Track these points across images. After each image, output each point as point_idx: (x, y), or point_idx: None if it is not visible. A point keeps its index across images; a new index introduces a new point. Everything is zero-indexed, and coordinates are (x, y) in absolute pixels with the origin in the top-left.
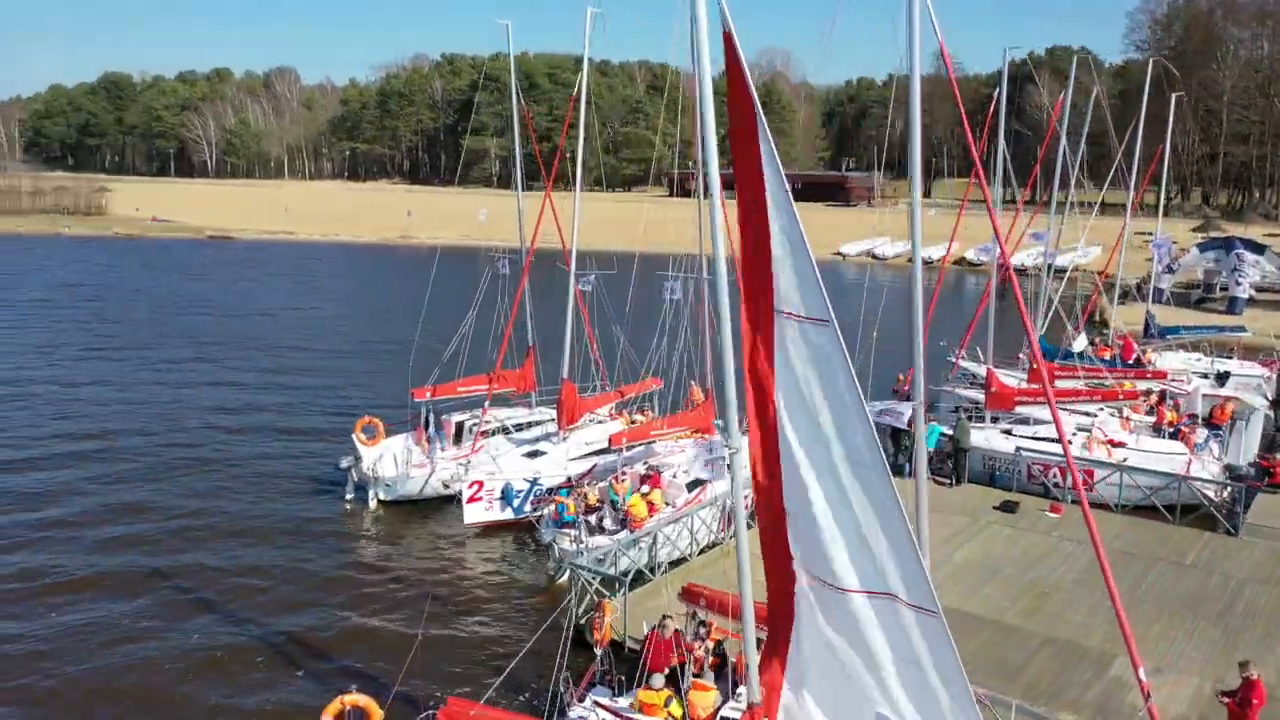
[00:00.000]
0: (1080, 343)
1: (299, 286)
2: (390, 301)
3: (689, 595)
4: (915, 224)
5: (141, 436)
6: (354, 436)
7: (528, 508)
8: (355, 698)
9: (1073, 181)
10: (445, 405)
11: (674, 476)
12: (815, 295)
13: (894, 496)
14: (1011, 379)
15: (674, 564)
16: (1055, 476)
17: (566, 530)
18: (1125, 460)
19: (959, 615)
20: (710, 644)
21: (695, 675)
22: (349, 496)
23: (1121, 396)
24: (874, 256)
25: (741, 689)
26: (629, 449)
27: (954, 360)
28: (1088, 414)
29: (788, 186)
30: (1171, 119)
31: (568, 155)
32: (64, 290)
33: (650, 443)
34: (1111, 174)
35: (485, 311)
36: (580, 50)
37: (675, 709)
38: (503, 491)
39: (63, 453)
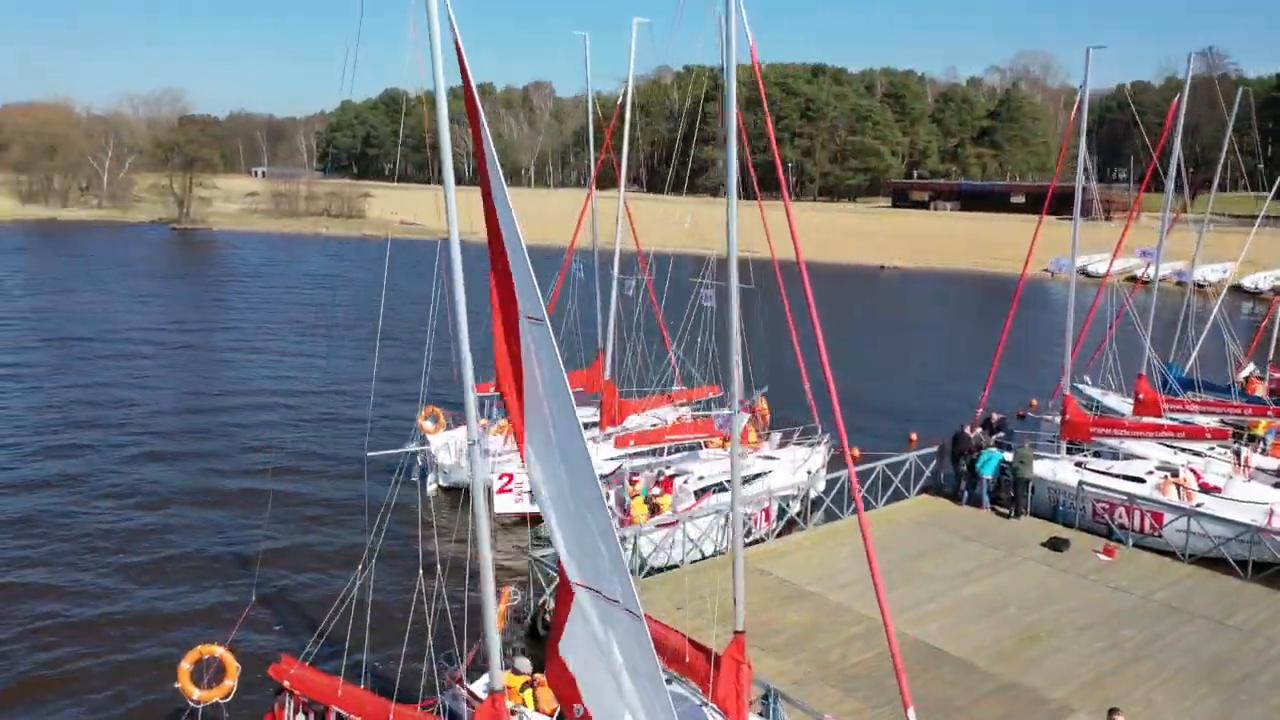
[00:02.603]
0: (1246, 371)
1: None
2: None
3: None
4: (730, 228)
5: (290, 396)
6: (420, 424)
7: None
8: (213, 648)
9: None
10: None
11: (685, 483)
12: (531, 295)
13: (598, 494)
14: (1128, 406)
15: (664, 569)
16: (1121, 517)
17: None
18: (1200, 505)
19: (924, 648)
20: None
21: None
22: (413, 479)
23: (1209, 435)
24: (1086, 274)
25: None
26: (637, 453)
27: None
28: (1196, 452)
29: (507, 190)
30: None
31: (788, 165)
32: (305, 279)
33: (678, 445)
34: None
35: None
36: (819, 59)
37: (528, 697)
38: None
39: (207, 406)
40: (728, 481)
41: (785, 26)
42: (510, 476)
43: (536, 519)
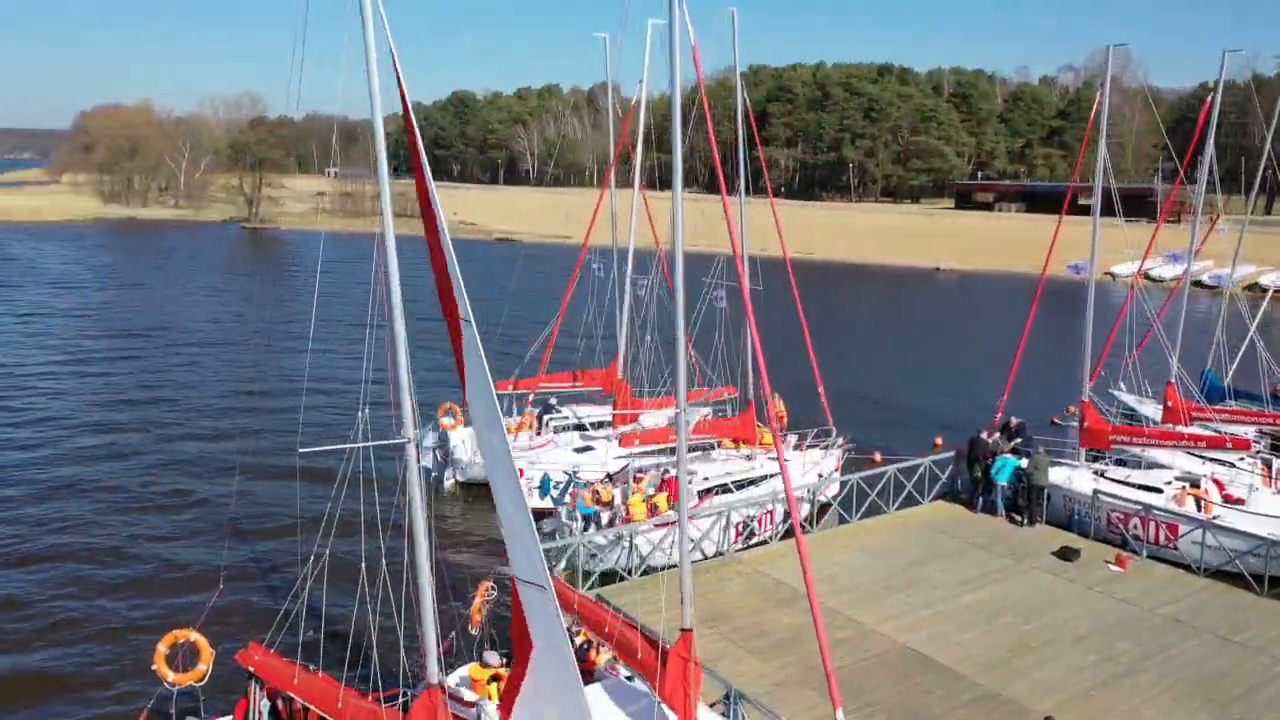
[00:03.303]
0: None
1: (521, 280)
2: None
3: None
4: (676, 223)
5: (329, 384)
6: (439, 420)
7: (568, 499)
8: (188, 632)
9: None
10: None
11: (689, 483)
12: (462, 298)
13: (515, 481)
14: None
15: (664, 568)
16: (1135, 527)
17: (570, 523)
18: (1216, 517)
19: (911, 655)
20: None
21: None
22: (434, 474)
23: (1229, 445)
24: (1149, 278)
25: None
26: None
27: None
28: (1228, 463)
29: (438, 201)
30: None
31: (851, 165)
32: (365, 276)
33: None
34: None
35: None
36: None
37: (493, 690)
38: (541, 481)
39: (249, 391)
40: (733, 483)
41: (863, 25)
42: (520, 472)
43: (545, 515)
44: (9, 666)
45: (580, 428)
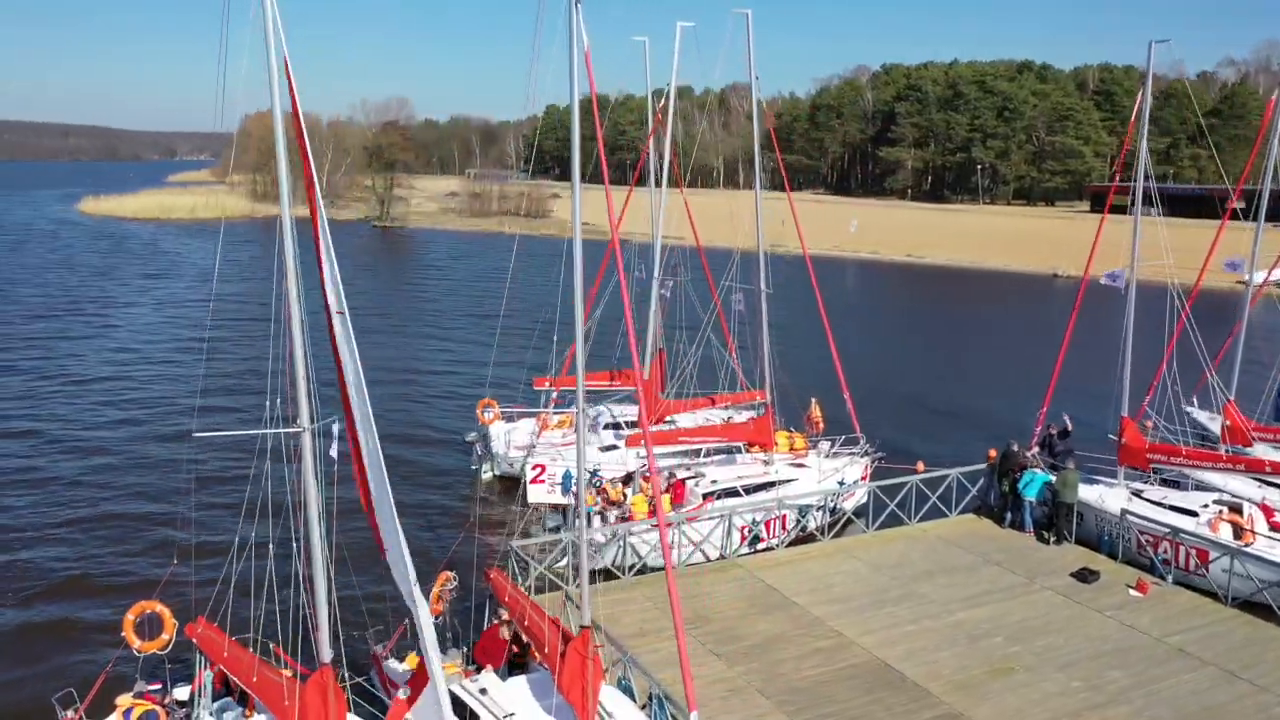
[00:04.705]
0: None
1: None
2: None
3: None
4: (575, 217)
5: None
6: (478, 414)
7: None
8: (154, 604)
9: None
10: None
11: (696, 485)
12: (337, 290)
13: (385, 488)
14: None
15: (661, 569)
16: (1165, 551)
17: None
18: (1249, 545)
19: (882, 669)
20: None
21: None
22: (473, 467)
23: (1269, 469)
24: None
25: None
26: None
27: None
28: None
29: (321, 198)
30: None
31: (981, 166)
32: (485, 272)
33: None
34: None
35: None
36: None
37: None
38: (563, 477)
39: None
40: (743, 487)
41: (1009, 22)
42: (543, 467)
43: (564, 509)
44: None
45: (616, 427)
